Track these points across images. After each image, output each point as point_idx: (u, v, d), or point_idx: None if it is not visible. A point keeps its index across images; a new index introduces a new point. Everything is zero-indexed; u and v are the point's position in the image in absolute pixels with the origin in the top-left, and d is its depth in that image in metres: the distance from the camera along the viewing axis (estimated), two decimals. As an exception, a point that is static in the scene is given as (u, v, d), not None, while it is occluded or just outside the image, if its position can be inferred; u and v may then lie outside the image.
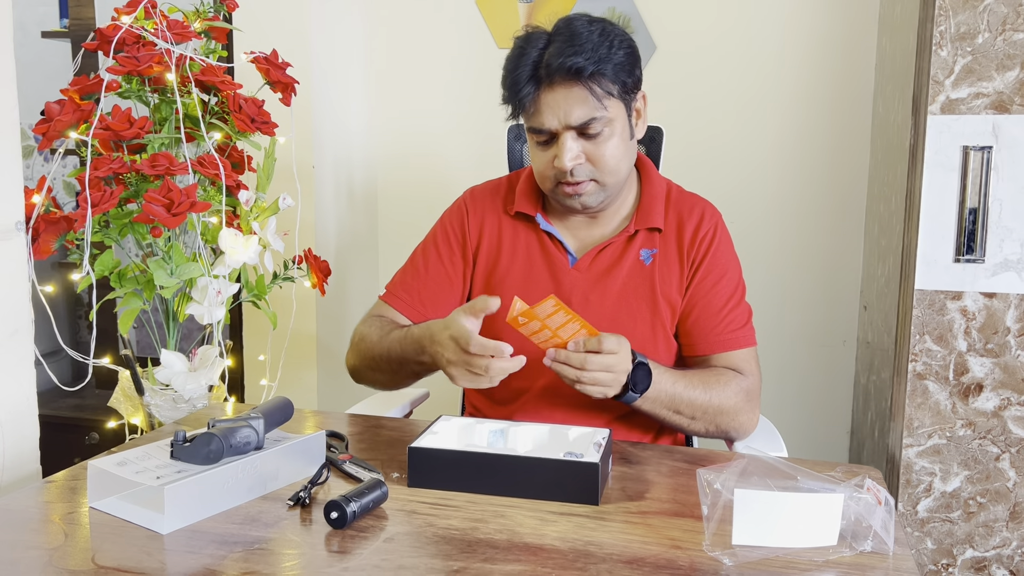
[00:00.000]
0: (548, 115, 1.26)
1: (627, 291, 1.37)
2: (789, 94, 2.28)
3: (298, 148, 2.05)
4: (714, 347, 1.37)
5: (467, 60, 2.45)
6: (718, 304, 1.38)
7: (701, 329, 1.38)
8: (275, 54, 1.63)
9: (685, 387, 1.28)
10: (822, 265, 2.33)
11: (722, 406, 1.30)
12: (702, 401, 1.29)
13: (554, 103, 1.25)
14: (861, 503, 0.93)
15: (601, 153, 1.28)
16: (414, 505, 1.01)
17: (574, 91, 1.24)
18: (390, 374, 1.41)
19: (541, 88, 1.25)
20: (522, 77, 1.26)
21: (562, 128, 1.26)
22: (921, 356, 1.64)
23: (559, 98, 1.25)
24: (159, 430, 1.32)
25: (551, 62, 1.24)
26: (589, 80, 1.24)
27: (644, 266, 1.37)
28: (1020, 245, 1.58)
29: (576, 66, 1.22)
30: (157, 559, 0.87)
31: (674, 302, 1.38)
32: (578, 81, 1.24)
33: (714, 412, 1.30)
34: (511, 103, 1.29)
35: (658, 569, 0.87)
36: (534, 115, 1.27)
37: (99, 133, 1.44)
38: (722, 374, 1.33)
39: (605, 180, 1.30)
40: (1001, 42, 1.55)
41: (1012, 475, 1.64)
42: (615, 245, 1.38)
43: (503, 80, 1.30)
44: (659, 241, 1.39)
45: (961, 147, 1.58)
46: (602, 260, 1.38)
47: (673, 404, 1.27)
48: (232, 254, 1.50)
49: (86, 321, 2.80)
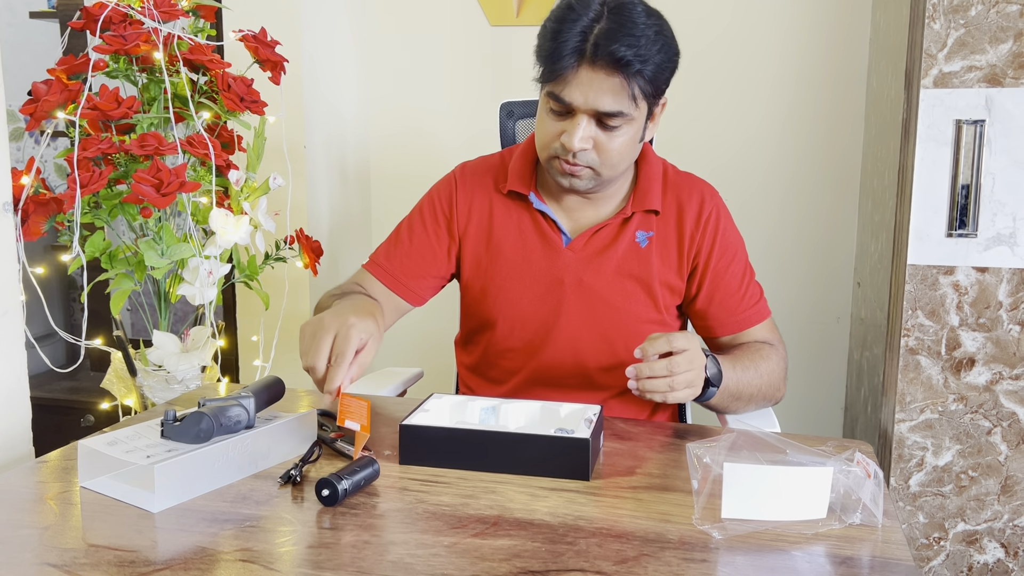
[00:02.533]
0: (578, 92, 1.21)
1: (622, 273, 1.36)
2: (783, 70, 2.27)
3: (289, 127, 2.04)
4: (740, 325, 1.39)
5: (459, 38, 2.43)
6: (735, 284, 1.38)
7: (726, 311, 1.39)
8: (264, 32, 1.62)
9: (742, 371, 1.28)
10: (816, 242, 2.33)
11: (772, 379, 1.33)
12: (757, 381, 1.30)
13: (589, 83, 1.20)
14: (850, 476, 0.93)
15: (610, 146, 1.25)
16: (405, 482, 1.01)
17: (612, 80, 1.20)
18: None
19: (582, 63, 1.20)
20: (567, 47, 1.19)
21: (586, 110, 1.22)
22: (913, 331, 1.65)
23: (596, 81, 1.20)
24: (150, 410, 1.33)
25: (601, 43, 1.18)
26: (631, 76, 1.20)
27: (640, 248, 1.36)
28: (1012, 219, 1.58)
29: (626, 58, 1.18)
30: (148, 537, 0.88)
31: (673, 285, 1.38)
32: (620, 73, 1.19)
33: (767, 387, 1.32)
34: (544, 66, 1.23)
35: (647, 543, 0.87)
36: (563, 86, 1.21)
37: (87, 113, 1.43)
38: (761, 349, 1.35)
39: (603, 171, 1.28)
40: (994, 14, 1.54)
41: (1003, 449, 1.65)
42: (610, 227, 1.36)
43: (544, 34, 1.23)
44: (656, 224, 1.37)
45: (954, 121, 1.58)
46: (597, 241, 1.36)
47: (737, 390, 1.27)
48: (223, 234, 1.49)
49: (79, 304, 2.80)
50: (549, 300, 1.36)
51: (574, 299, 1.35)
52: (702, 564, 0.83)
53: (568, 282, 1.36)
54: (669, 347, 1.13)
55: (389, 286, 1.41)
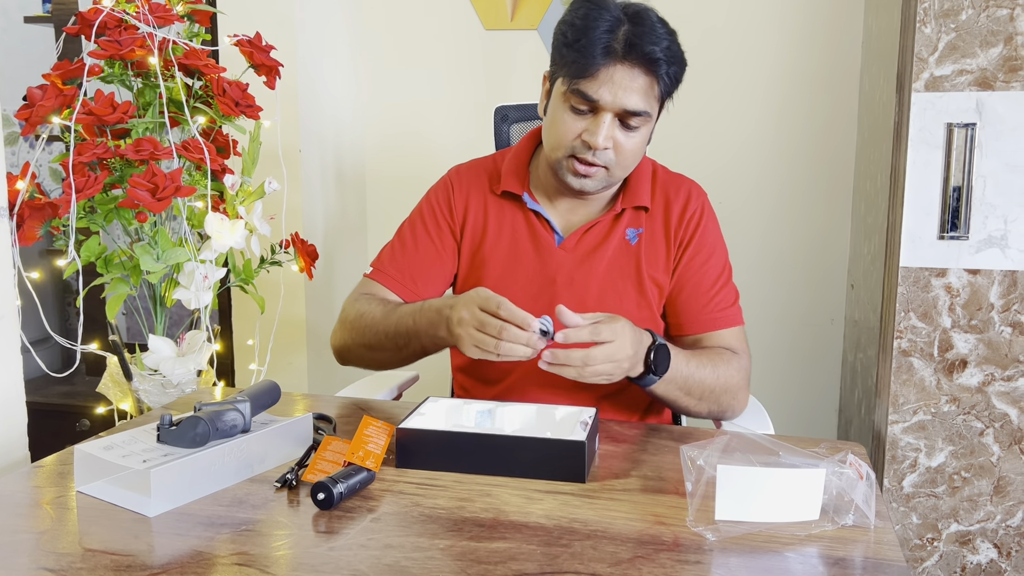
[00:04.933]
0: (607, 90, 1.22)
1: (613, 271, 1.38)
2: (777, 73, 2.28)
3: (284, 132, 2.05)
4: (706, 326, 1.37)
5: (454, 42, 2.44)
6: (707, 283, 1.38)
7: (692, 308, 1.38)
8: (259, 37, 1.62)
9: (696, 367, 1.27)
10: (810, 244, 2.34)
11: (727, 385, 1.31)
12: (711, 381, 1.29)
13: (620, 81, 1.22)
14: (843, 478, 0.94)
15: (627, 146, 1.28)
16: (401, 486, 1.02)
17: (643, 79, 1.23)
18: (393, 351, 1.35)
19: (616, 61, 1.22)
20: (599, 45, 1.21)
21: (613, 108, 1.24)
22: (906, 333, 1.65)
23: (627, 79, 1.22)
24: (146, 415, 1.33)
25: (636, 42, 1.21)
26: (659, 76, 1.23)
27: (630, 245, 1.38)
28: (1004, 222, 1.59)
29: (656, 57, 1.21)
30: (144, 542, 0.88)
31: (661, 282, 1.39)
32: (650, 72, 1.23)
33: (720, 391, 1.30)
34: (575, 61, 1.23)
35: (642, 545, 0.88)
36: (592, 83, 1.22)
37: (82, 118, 1.43)
38: (723, 353, 1.34)
39: (615, 172, 1.30)
40: (985, 18, 1.55)
41: (996, 450, 1.66)
42: (601, 224, 1.39)
43: (570, 32, 1.24)
44: (645, 220, 1.39)
45: (945, 124, 1.59)
46: (588, 240, 1.38)
47: (686, 385, 1.26)
48: (218, 238, 1.49)
49: (75, 308, 2.80)
50: (542, 299, 1.36)
51: (566, 298, 1.36)
52: (696, 566, 0.84)
53: (560, 281, 1.37)
54: (592, 339, 1.12)
55: (400, 294, 1.41)
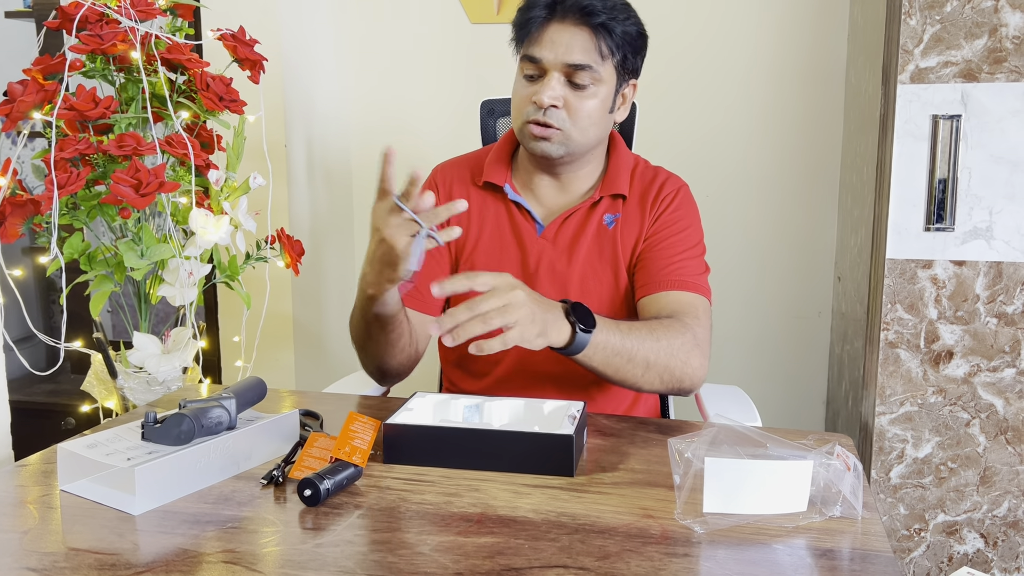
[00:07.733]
0: (547, 47, 1.28)
1: (591, 257, 1.38)
2: (762, 66, 2.28)
3: (269, 126, 2.03)
4: (662, 285, 1.33)
5: (440, 36, 2.43)
6: (673, 251, 1.36)
7: (653, 267, 1.35)
8: (242, 31, 1.61)
9: (633, 333, 1.20)
10: (797, 237, 2.34)
11: (673, 350, 1.23)
12: (652, 346, 1.21)
13: (558, 38, 1.28)
14: (830, 469, 0.94)
15: (580, 107, 1.30)
16: (388, 481, 1.01)
17: (581, 34, 1.28)
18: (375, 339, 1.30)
19: (553, 19, 1.29)
20: (536, 5, 1.30)
21: (556, 65, 1.28)
22: (893, 325, 1.66)
23: (565, 35, 1.28)
24: (130, 412, 1.32)
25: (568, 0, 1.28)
26: (597, 30, 1.28)
27: (607, 230, 1.39)
28: (989, 213, 1.60)
29: (592, 9, 1.27)
30: (129, 540, 0.87)
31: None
32: (587, 26, 1.28)
33: (667, 357, 1.22)
34: (518, 24, 1.32)
35: (630, 538, 0.88)
36: (535, 44, 1.30)
37: (64, 113, 1.42)
38: (664, 321, 1.27)
39: (571, 135, 1.31)
40: (969, 10, 1.56)
41: (982, 440, 1.67)
42: (580, 212, 1.39)
43: (521, 5, 1.33)
44: (622, 207, 1.40)
45: (930, 116, 1.59)
46: (568, 228, 1.39)
47: (626, 351, 1.19)
48: (203, 235, 1.48)
49: (58, 306, 2.77)
50: None
51: (547, 286, 1.37)
52: (684, 559, 0.84)
53: (541, 270, 1.38)
54: (468, 286, 1.05)
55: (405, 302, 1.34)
